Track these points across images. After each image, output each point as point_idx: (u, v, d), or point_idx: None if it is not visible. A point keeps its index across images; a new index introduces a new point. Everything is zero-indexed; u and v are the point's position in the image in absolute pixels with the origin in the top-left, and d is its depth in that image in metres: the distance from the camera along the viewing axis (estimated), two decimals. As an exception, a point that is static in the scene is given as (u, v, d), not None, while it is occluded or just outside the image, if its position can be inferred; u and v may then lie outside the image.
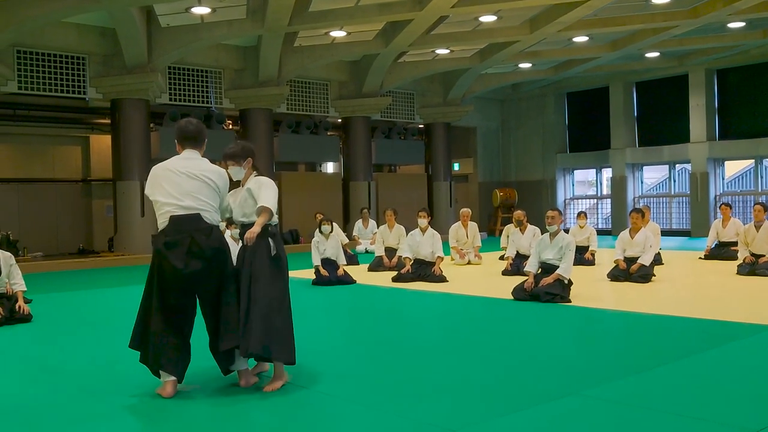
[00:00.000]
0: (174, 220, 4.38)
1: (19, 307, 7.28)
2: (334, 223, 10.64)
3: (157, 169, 4.53)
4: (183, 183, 4.41)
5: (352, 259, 12.82)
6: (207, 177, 4.49)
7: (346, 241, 13.76)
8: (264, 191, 4.63)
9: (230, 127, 17.56)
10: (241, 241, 4.68)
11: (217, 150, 18.44)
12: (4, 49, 13.30)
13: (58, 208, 16.33)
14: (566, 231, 9.83)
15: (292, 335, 4.54)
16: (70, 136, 16.58)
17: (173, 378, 4.40)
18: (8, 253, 7.54)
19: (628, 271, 9.60)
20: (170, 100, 15.84)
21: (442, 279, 10.12)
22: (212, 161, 4.69)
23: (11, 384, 4.91)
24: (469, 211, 13.29)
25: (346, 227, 17.76)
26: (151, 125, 15.65)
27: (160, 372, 4.44)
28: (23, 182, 15.78)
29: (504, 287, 8.94)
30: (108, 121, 15.61)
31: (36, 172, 16.06)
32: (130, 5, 12.20)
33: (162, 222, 4.44)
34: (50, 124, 15.89)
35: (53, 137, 16.32)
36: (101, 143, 16.61)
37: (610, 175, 21.79)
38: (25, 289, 7.52)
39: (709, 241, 12.84)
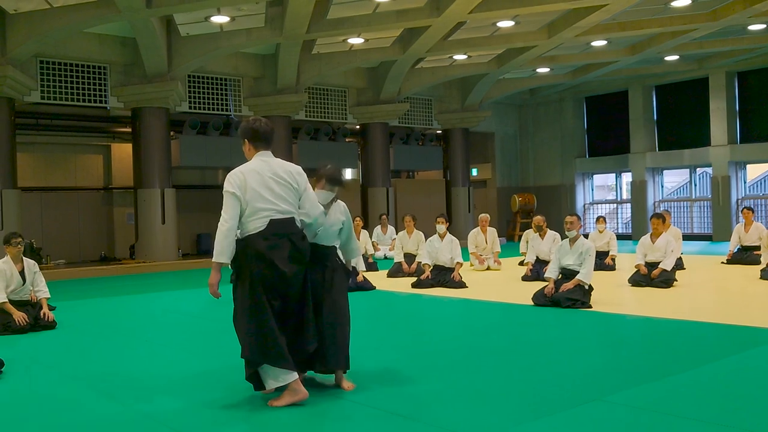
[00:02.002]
0: (273, 223, 4.36)
1: (44, 314, 7.37)
2: (364, 231, 10.67)
3: (246, 173, 4.44)
4: (275, 187, 4.43)
5: (372, 266, 12.84)
6: (292, 180, 4.52)
7: (371, 251, 13.75)
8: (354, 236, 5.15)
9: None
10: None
11: (236, 158, 18.42)
12: (28, 59, 13.51)
13: (81, 216, 16.51)
14: (585, 236, 9.78)
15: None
16: (91, 144, 16.78)
17: (296, 375, 4.33)
18: (32, 261, 7.64)
19: (650, 276, 9.54)
20: (190, 108, 15.98)
21: (461, 285, 10.10)
22: (228, 170, 4.74)
23: (38, 391, 4.97)
24: (488, 216, 13.26)
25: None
26: (171, 133, 15.79)
27: (274, 376, 4.30)
28: (46, 191, 15.97)
29: (524, 293, 8.92)
30: (129, 129, 15.79)
31: (58, 180, 16.26)
32: (151, 15, 12.34)
33: (259, 225, 4.36)
34: (72, 133, 16.09)
35: (75, 146, 16.52)
36: (122, 151, 16.79)
37: (630, 180, 21.64)
38: (49, 296, 7.63)
39: (732, 246, 12.72)
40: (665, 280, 9.42)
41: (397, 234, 13.40)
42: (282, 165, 4.54)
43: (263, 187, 4.40)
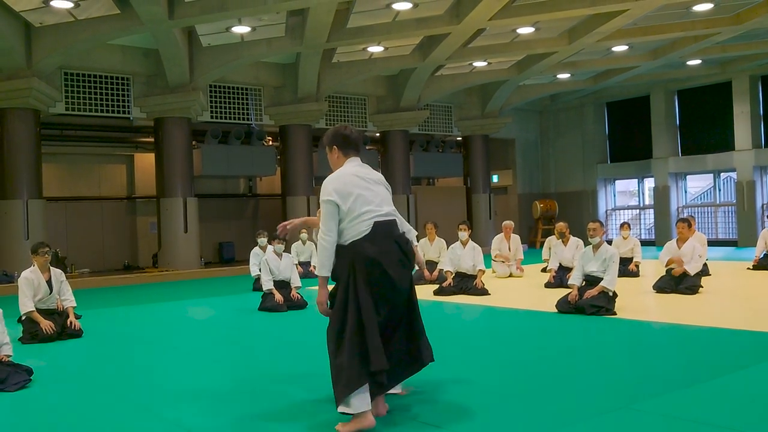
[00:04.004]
0: (378, 225, 4.08)
1: (71, 322, 7.45)
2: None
3: (346, 178, 4.18)
4: (374, 189, 4.21)
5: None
6: (386, 184, 4.36)
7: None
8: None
9: (270, 143, 17.78)
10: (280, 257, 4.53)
11: (257, 166, 18.41)
12: (53, 71, 13.72)
13: (104, 226, 16.69)
14: (609, 242, 9.71)
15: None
16: (115, 154, 16.97)
17: (370, 407, 3.96)
18: (59, 270, 7.72)
19: (675, 283, 9.42)
20: (211, 117, 16.12)
21: (484, 292, 10.06)
22: (250, 179, 4.55)
23: (66, 399, 5.02)
24: (512, 223, 13.21)
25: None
26: (193, 143, 15.93)
27: (357, 399, 3.88)
28: (71, 200, 16.18)
29: (547, 300, 8.86)
30: (151, 139, 15.95)
31: (83, 190, 16.46)
32: (173, 27, 12.48)
33: (363, 229, 4.05)
34: (96, 144, 16.31)
35: (99, 156, 16.72)
36: (145, 161, 16.96)
37: (653, 185, 21.46)
38: (75, 304, 7.70)
39: (758, 251, 12.55)
40: (690, 287, 9.30)
41: (418, 241, 13.38)
42: (375, 172, 4.36)
43: (364, 189, 4.16)
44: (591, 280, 8.16)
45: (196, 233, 15.57)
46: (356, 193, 4.11)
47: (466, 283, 10.26)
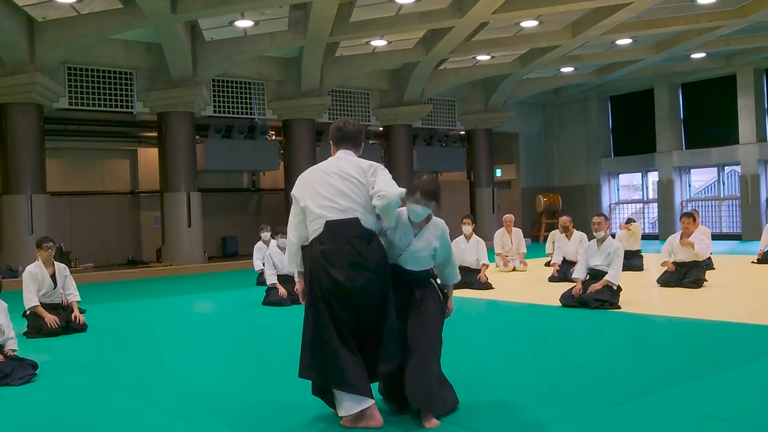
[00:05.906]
0: (330, 225, 3.89)
1: (75, 317, 7.46)
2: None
3: (309, 172, 4.12)
4: (335, 183, 3.97)
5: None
6: (361, 176, 4.01)
7: None
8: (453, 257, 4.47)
9: (273, 137, 17.76)
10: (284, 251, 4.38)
11: (260, 161, 18.37)
12: (56, 66, 13.71)
13: (108, 220, 16.70)
14: (613, 236, 9.68)
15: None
16: (118, 149, 16.97)
17: (371, 401, 3.84)
18: (63, 265, 7.74)
19: (679, 277, 9.42)
20: (215, 112, 16.10)
21: (487, 286, 10.06)
22: (253, 173, 4.43)
23: (72, 392, 5.04)
24: (512, 216, 13.19)
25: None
26: (197, 137, 15.92)
27: (345, 400, 3.82)
28: (74, 195, 16.18)
29: (551, 294, 8.85)
30: (155, 134, 15.95)
31: (86, 185, 16.47)
32: (176, 21, 12.46)
33: (315, 229, 3.94)
34: (99, 139, 16.32)
35: (102, 151, 16.72)
36: (148, 156, 16.96)
37: (657, 179, 21.41)
38: (80, 299, 7.72)
39: (762, 245, 12.53)
40: (695, 281, 9.29)
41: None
42: (353, 161, 4.09)
43: (323, 184, 3.99)
44: (595, 274, 8.15)
45: (200, 228, 15.58)
46: (311, 190, 4.01)
47: (469, 277, 10.25)
